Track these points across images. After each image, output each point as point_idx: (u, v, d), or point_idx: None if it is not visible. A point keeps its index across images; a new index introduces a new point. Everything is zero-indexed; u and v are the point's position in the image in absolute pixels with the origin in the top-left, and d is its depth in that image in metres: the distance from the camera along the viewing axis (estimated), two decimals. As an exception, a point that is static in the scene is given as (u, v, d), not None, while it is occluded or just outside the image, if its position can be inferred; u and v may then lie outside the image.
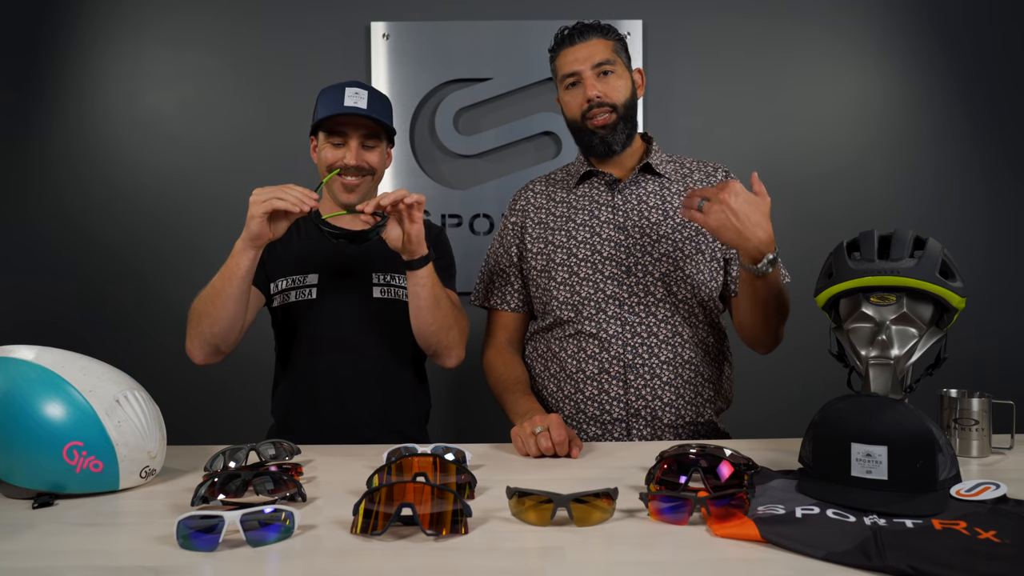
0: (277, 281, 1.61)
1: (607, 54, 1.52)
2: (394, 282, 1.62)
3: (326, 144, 1.57)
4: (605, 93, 1.52)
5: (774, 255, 1.33)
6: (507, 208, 1.70)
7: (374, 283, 1.61)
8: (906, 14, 2.45)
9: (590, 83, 1.51)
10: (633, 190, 1.58)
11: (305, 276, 1.60)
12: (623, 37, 1.59)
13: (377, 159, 1.59)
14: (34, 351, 1.10)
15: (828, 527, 0.89)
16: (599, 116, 1.52)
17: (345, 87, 1.56)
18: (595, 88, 1.51)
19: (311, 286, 1.59)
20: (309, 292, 1.59)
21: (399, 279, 1.62)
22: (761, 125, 2.46)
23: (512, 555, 0.85)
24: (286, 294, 1.60)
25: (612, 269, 1.53)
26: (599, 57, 1.52)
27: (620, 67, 1.55)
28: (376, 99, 1.57)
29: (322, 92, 1.59)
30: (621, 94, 1.53)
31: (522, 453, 1.29)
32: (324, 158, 1.58)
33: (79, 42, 2.42)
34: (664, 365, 1.51)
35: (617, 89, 1.53)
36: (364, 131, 1.56)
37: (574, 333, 1.54)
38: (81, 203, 2.45)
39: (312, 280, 1.59)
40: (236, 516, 0.86)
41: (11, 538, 0.91)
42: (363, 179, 1.58)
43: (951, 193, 2.47)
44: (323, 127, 1.56)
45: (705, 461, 1.06)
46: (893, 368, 1.13)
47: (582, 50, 1.53)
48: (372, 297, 1.60)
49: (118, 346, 2.38)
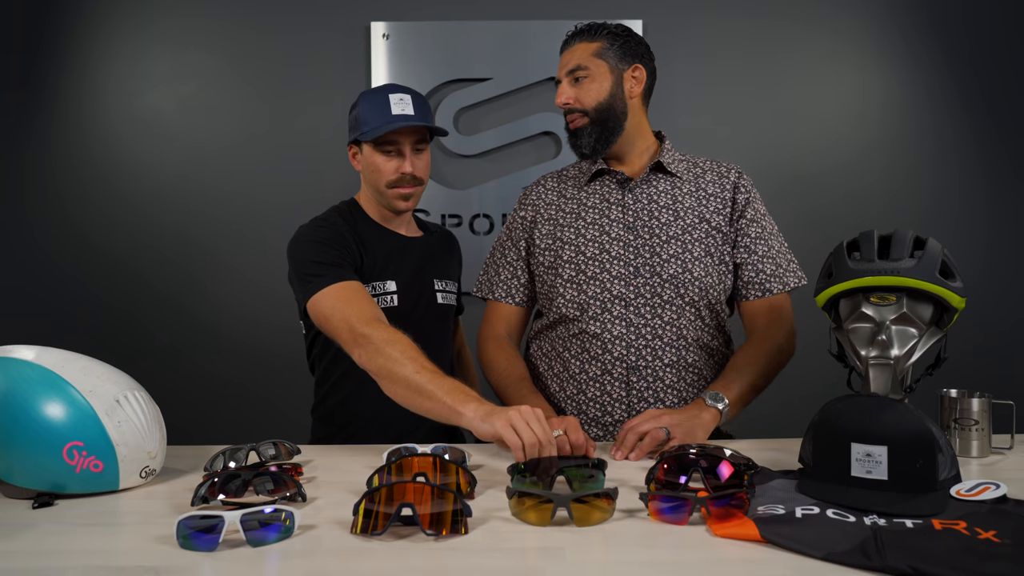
0: None
1: (583, 59, 1.53)
2: (449, 288, 1.68)
3: (376, 154, 1.56)
4: (575, 98, 1.53)
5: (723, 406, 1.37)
6: (517, 202, 1.70)
7: (436, 289, 1.64)
8: (906, 14, 2.45)
9: (562, 89, 1.55)
10: (644, 189, 1.56)
11: (384, 283, 1.58)
12: (620, 34, 1.55)
13: (426, 164, 1.61)
14: (34, 351, 1.10)
15: (828, 527, 0.89)
16: (573, 121, 1.56)
17: (388, 94, 1.55)
18: (564, 94, 1.54)
19: (391, 292, 1.58)
20: (391, 299, 1.57)
21: (450, 285, 1.69)
22: (761, 125, 2.46)
23: (512, 555, 0.85)
24: None
25: (620, 269, 1.52)
26: (574, 63, 1.54)
27: (598, 70, 1.53)
28: (419, 102, 1.58)
29: (363, 99, 1.57)
30: (592, 98, 1.53)
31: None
32: (381, 170, 1.55)
33: (79, 42, 2.43)
34: (667, 368, 1.50)
35: (588, 93, 1.53)
36: (415, 137, 1.56)
37: (578, 333, 1.53)
38: (81, 203, 2.45)
39: (391, 287, 1.58)
40: (236, 516, 0.86)
41: (11, 538, 0.91)
42: (417, 188, 1.59)
43: (951, 193, 2.47)
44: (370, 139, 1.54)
45: (705, 461, 1.06)
46: (893, 368, 1.13)
47: (566, 56, 1.56)
48: (437, 303, 1.64)
49: (118, 346, 2.38)
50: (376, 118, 1.53)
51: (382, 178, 1.57)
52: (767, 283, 1.53)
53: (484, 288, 1.69)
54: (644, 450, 1.25)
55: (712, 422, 1.35)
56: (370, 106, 1.55)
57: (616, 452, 1.26)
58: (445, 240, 1.77)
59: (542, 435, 1.16)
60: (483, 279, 1.70)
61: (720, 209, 1.54)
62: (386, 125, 1.52)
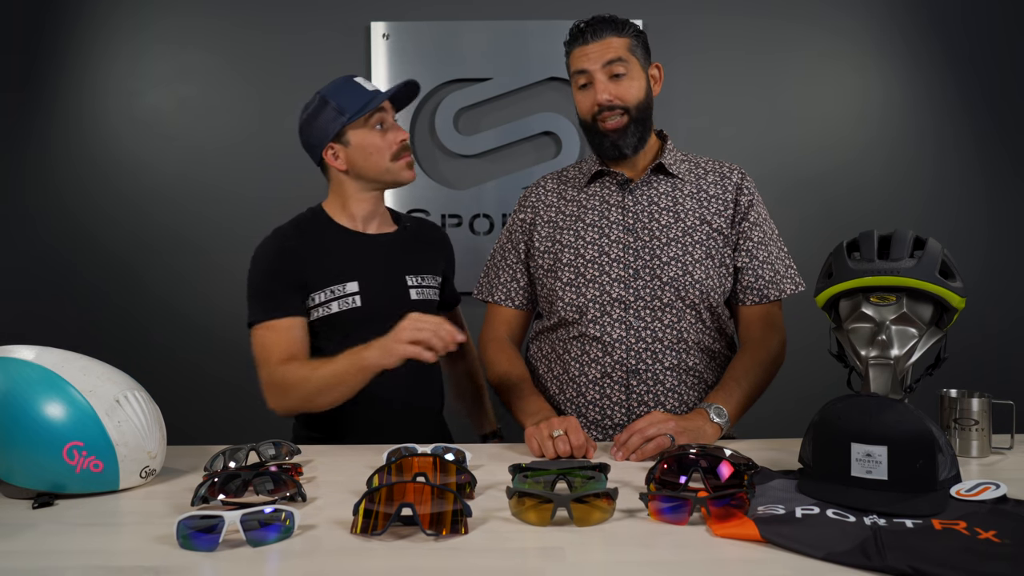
0: (316, 294, 1.56)
1: (619, 51, 1.47)
2: (425, 283, 1.64)
3: (371, 134, 1.56)
4: (617, 96, 1.47)
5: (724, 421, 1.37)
6: (517, 204, 1.68)
7: (410, 285, 1.62)
8: (906, 14, 2.45)
9: (601, 86, 1.47)
10: (644, 191, 1.54)
11: (345, 285, 1.57)
12: (641, 32, 1.52)
13: None
14: (34, 351, 1.10)
15: (828, 527, 0.89)
16: (610, 120, 1.48)
17: (352, 79, 1.57)
18: (606, 91, 1.47)
19: (353, 294, 1.56)
20: (353, 300, 1.56)
21: (429, 279, 1.65)
22: (761, 125, 2.46)
23: (512, 555, 0.85)
24: (327, 306, 1.56)
25: (619, 272, 1.49)
26: (610, 55, 1.46)
27: (634, 66, 1.49)
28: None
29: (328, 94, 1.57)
30: (633, 95, 1.48)
31: (537, 455, 1.28)
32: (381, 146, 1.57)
33: (79, 42, 2.42)
34: (668, 371, 1.48)
35: (629, 90, 1.48)
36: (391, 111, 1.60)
37: (577, 336, 1.52)
38: (81, 202, 2.45)
39: (352, 288, 1.56)
40: (236, 516, 0.86)
41: (11, 538, 0.91)
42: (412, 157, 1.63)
43: (951, 192, 2.47)
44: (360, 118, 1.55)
45: (705, 461, 1.06)
46: (893, 368, 1.13)
47: (594, 48, 1.47)
48: (410, 299, 1.61)
49: (118, 346, 2.38)
50: (356, 100, 1.54)
51: (385, 154, 1.57)
52: (765, 289, 1.52)
53: (484, 291, 1.68)
54: (646, 454, 1.24)
55: (714, 437, 1.35)
56: (343, 94, 1.56)
57: (617, 452, 1.25)
58: (422, 232, 1.73)
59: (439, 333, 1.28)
60: (483, 282, 1.69)
61: (722, 211, 1.52)
62: (373, 100, 1.54)
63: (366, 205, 1.62)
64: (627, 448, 1.25)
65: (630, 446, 1.25)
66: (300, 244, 1.57)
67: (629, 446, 1.25)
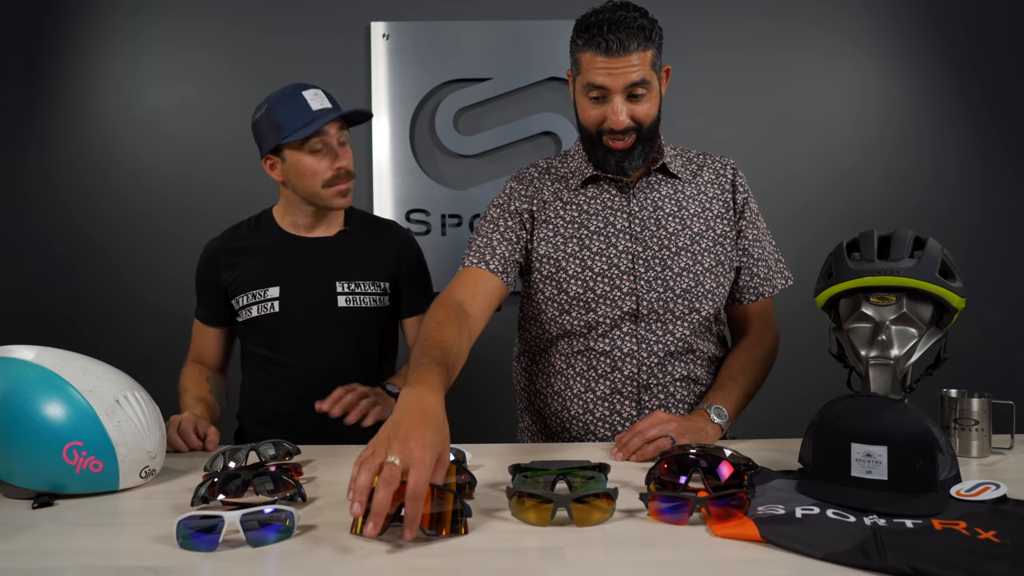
0: (239, 297, 1.58)
1: (644, 71, 1.33)
2: (359, 290, 1.58)
3: (305, 156, 1.49)
4: (633, 117, 1.36)
5: (724, 422, 1.35)
6: (509, 188, 1.51)
7: (339, 292, 1.57)
8: (906, 14, 2.45)
9: (619, 107, 1.34)
10: (647, 194, 1.46)
11: (266, 290, 1.56)
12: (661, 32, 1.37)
13: (352, 158, 1.56)
14: (34, 351, 1.10)
15: (828, 527, 0.89)
16: (619, 140, 1.38)
17: (300, 92, 1.49)
18: (622, 114, 1.34)
19: (272, 299, 1.55)
20: (271, 306, 1.55)
21: (364, 286, 1.59)
22: (761, 125, 2.46)
23: (512, 555, 0.85)
24: (248, 309, 1.57)
25: (629, 284, 1.42)
26: (635, 76, 1.32)
27: (654, 82, 1.37)
28: (329, 95, 1.53)
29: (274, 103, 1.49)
30: (649, 116, 1.37)
31: None
32: (314, 170, 1.50)
33: (79, 42, 2.42)
34: (678, 383, 1.45)
35: (648, 112, 1.37)
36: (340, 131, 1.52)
37: (583, 350, 1.45)
38: (81, 203, 2.45)
39: (273, 294, 1.55)
40: (236, 516, 0.86)
41: (11, 538, 0.91)
42: (352, 182, 1.55)
43: (951, 192, 2.47)
44: (297, 140, 1.47)
45: (705, 461, 1.06)
46: (893, 368, 1.13)
47: (618, 65, 1.31)
48: (337, 307, 1.56)
49: (118, 346, 2.38)
50: (296, 118, 1.46)
51: (317, 179, 1.50)
52: (760, 287, 1.51)
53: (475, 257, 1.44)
54: (647, 455, 1.23)
55: (715, 437, 1.34)
56: (286, 108, 1.47)
57: (618, 453, 1.25)
58: (372, 236, 1.64)
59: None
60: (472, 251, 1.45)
61: (723, 213, 1.48)
62: (314, 123, 1.45)
63: (308, 211, 1.60)
64: (628, 449, 1.24)
65: (631, 447, 1.24)
66: (226, 247, 1.60)
67: (630, 447, 1.24)
